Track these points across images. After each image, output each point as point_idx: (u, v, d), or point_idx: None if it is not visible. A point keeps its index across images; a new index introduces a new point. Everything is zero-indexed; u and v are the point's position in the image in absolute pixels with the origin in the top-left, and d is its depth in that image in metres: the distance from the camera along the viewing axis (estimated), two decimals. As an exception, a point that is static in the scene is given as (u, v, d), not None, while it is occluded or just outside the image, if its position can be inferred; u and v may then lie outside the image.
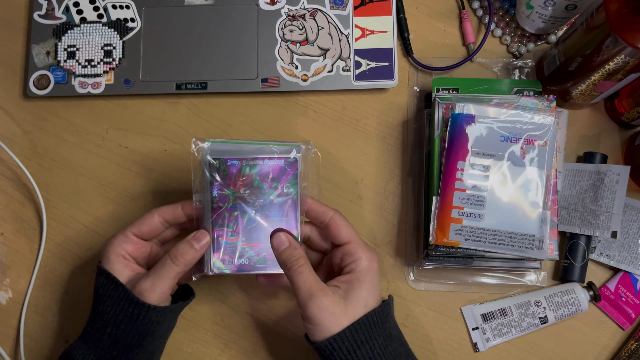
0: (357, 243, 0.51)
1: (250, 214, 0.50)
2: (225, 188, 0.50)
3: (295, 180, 0.50)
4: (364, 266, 0.50)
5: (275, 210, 0.51)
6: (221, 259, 0.51)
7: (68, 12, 0.66)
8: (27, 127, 0.65)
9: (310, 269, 0.48)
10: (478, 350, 0.59)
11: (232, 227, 0.51)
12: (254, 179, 0.50)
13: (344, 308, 0.47)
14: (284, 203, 0.51)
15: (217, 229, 0.51)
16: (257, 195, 0.50)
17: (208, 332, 0.61)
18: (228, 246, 0.51)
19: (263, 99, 0.65)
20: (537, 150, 0.55)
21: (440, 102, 0.58)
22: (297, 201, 0.51)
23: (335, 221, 0.51)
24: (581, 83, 0.57)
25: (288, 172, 0.50)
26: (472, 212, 0.54)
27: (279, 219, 0.51)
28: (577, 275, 0.59)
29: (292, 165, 0.50)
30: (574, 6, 0.58)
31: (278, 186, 0.50)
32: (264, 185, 0.50)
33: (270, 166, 0.50)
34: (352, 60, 0.64)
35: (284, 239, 0.48)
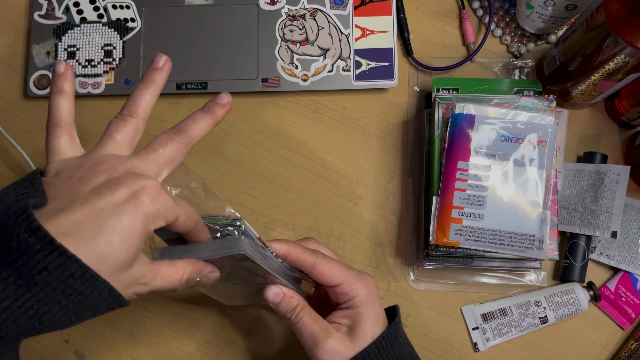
0: (348, 282, 0.47)
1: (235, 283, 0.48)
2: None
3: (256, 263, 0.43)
4: (362, 300, 0.47)
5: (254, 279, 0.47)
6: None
7: (68, 12, 0.66)
8: (27, 127, 0.65)
9: (310, 313, 0.47)
10: (478, 350, 0.59)
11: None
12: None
13: (350, 345, 0.46)
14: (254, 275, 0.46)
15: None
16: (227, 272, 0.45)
17: (208, 332, 0.61)
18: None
19: (263, 99, 0.65)
20: (537, 150, 0.55)
21: (440, 102, 0.58)
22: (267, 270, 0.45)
23: (319, 269, 0.47)
24: (581, 83, 0.57)
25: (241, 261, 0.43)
26: (472, 212, 0.54)
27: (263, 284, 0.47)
28: (577, 275, 0.59)
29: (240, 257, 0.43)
30: (574, 6, 0.58)
31: (242, 272, 0.46)
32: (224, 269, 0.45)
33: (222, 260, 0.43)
34: (352, 60, 0.64)
35: (277, 291, 0.47)
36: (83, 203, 0.34)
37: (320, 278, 0.47)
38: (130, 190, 0.35)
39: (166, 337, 0.61)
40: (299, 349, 0.60)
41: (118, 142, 0.42)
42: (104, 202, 0.34)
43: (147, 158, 0.40)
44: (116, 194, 0.35)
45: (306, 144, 0.64)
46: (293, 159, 0.64)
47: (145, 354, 0.60)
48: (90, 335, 0.61)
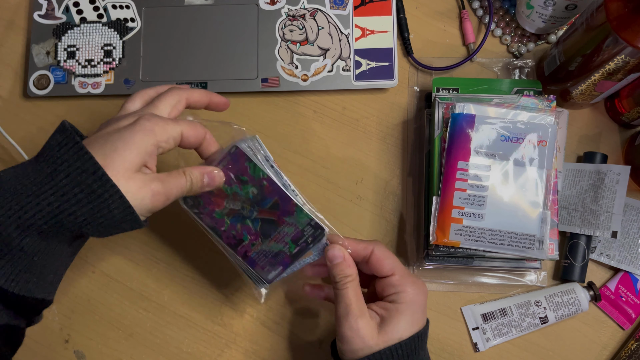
0: (400, 275, 0.49)
1: (250, 216, 0.50)
2: (212, 214, 0.50)
3: (252, 162, 0.48)
4: (407, 298, 0.48)
5: (263, 199, 0.49)
6: (264, 269, 0.51)
7: (68, 12, 0.66)
8: (27, 127, 0.65)
9: (357, 290, 0.48)
10: (478, 350, 0.59)
11: (247, 238, 0.50)
12: (226, 190, 0.49)
13: (375, 335, 0.46)
14: (262, 188, 0.49)
15: (237, 249, 0.51)
16: (240, 199, 0.49)
17: (208, 332, 0.61)
18: (260, 255, 0.50)
19: (263, 99, 0.65)
20: (537, 150, 0.55)
21: (440, 102, 0.58)
22: (271, 177, 0.48)
23: (377, 256, 0.50)
24: (581, 83, 0.57)
25: (240, 161, 0.48)
26: (472, 212, 0.54)
27: (272, 201, 0.49)
28: (577, 275, 0.59)
29: (236, 155, 0.48)
30: (574, 6, 0.58)
31: (247, 179, 0.49)
32: (234, 187, 0.49)
33: (227, 170, 0.49)
34: (352, 60, 0.64)
35: (338, 253, 0.49)
36: (101, 134, 0.43)
37: (376, 265, 0.49)
38: (133, 119, 0.44)
39: (166, 337, 0.61)
40: (299, 349, 0.61)
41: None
42: (111, 128, 0.43)
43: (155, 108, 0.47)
44: (122, 122, 0.44)
45: (306, 144, 0.64)
46: (293, 159, 0.64)
47: (145, 354, 0.60)
48: (90, 335, 0.61)
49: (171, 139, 0.45)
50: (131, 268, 0.62)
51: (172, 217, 0.63)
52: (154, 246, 0.62)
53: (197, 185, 0.47)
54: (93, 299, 0.61)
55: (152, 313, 0.61)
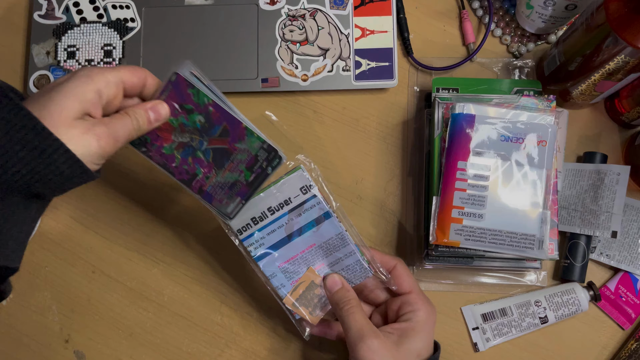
0: (417, 294, 0.51)
1: (201, 147, 0.47)
2: (161, 150, 0.47)
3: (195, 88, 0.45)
4: (423, 318, 0.49)
5: (211, 126, 0.46)
6: (222, 202, 0.48)
7: (68, 12, 0.66)
8: (27, 127, 0.65)
9: (363, 312, 0.49)
10: (478, 350, 0.59)
11: (200, 171, 0.48)
12: (172, 123, 0.46)
13: (395, 354, 0.46)
14: (209, 114, 0.46)
15: (192, 185, 0.48)
16: (188, 130, 0.46)
17: (208, 332, 0.61)
18: (215, 187, 0.48)
19: (263, 99, 0.65)
20: (537, 150, 0.55)
21: (440, 102, 0.58)
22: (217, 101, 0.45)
23: (399, 271, 0.52)
24: (581, 83, 0.57)
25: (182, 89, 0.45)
26: (472, 212, 0.54)
27: (221, 127, 0.46)
28: (577, 275, 0.59)
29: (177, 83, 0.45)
30: (574, 6, 0.58)
31: (191, 107, 0.46)
32: (180, 118, 0.46)
33: (170, 101, 0.46)
34: (352, 60, 0.64)
35: (337, 280, 0.51)
36: (39, 92, 0.42)
37: (396, 280, 0.51)
38: (70, 75, 0.42)
39: (166, 337, 0.61)
40: (299, 349, 0.60)
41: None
42: (49, 85, 0.42)
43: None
44: (60, 79, 0.42)
45: (306, 144, 0.64)
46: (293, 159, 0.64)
47: (145, 354, 0.60)
48: (90, 335, 0.61)
49: (111, 84, 0.43)
50: (131, 268, 0.62)
51: (172, 217, 0.63)
52: (154, 246, 0.62)
53: (144, 124, 0.45)
54: (93, 299, 0.61)
55: (152, 313, 0.61)
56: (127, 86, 0.45)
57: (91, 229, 0.63)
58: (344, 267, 0.52)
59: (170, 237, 0.62)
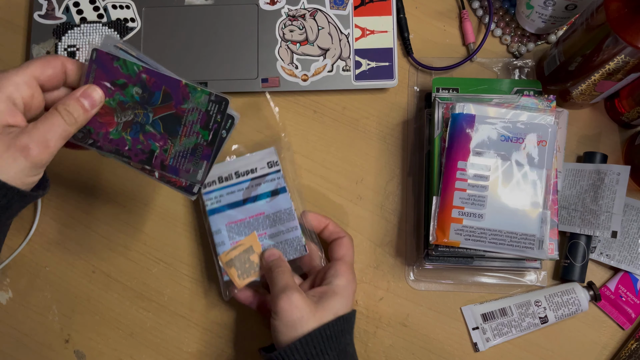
0: (346, 264, 0.53)
1: (148, 121, 0.44)
2: (108, 136, 0.44)
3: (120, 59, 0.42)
4: (343, 283, 0.51)
5: (150, 95, 0.43)
6: (189, 172, 0.46)
7: (68, 12, 0.66)
8: (27, 127, 0.65)
9: (292, 276, 0.51)
10: (478, 350, 0.59)
11: (156, 146, 0.45)
12: (110, 104, 0.43)
13: (313, 309, 0.48)
14: (144, 82, 0.43)
15: (153, 163, 0.45)
16: (129, 106, 0.43)
17: (208, 332, 0.61)
18: (177, 158, 0.45)
19: (263, 99, 0.65)
20: (537, 150, 0.55)
21: (440, 102, 0.58)
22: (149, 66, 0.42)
23: (343, 241, 0.55)
24: (581, 83, 0.57)
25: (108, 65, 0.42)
26: (472, 211, 0.54)
27: (161, 92, 0.43)
28: (577, 275, 0.59)
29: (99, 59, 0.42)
30: (574, 6, 0.58)
31: (124, 81, 0.43)
32: (117, 96, 0.43)
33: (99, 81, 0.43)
34: (352, 60, 0.64)
35: (275, 252, 0.54)
36: None
37: (336, 247, 0.55)
38: None
39: (166, 337, 0.61)
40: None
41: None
42: None
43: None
44: None
45: (306, 144, 0.64)
46: (293, 158, 0.64)
47: (145, 354, 0.60)
48: (90, 335, 0.61)
49: (21, 85, 0.39)
50: (131, 268, 0.62)
51: (172, 217, 0.63)
52: (154, 246, 0.62)
53: (80, 115, 0.41)
54: (93, 299, 0.61)
55: (152, 313, 0.61)
56: (43, 81, 0.41)
57: (91, 229, 0.63)
58: (284, 240, 0.55)
59: (170, 237, 0.62)
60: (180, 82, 0.43)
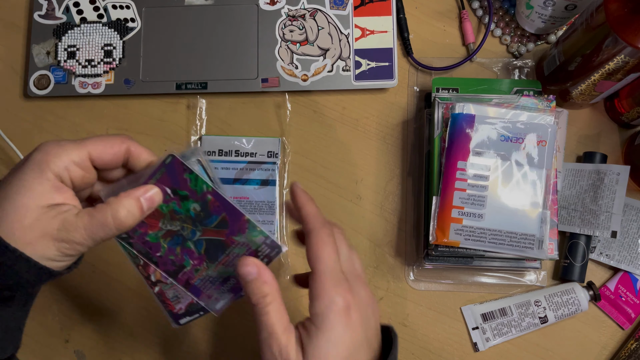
0: (319, 275, 0.38)
1: (192, 238, 0.42)
2: (145, 237, 0.42)
3: (193, 173, 0.40)
4: (320, 310, 0.37)
5: (207, 216, 0.41)
6: (210, 298, 0.44)
7: (68, 12, 0.66)
8: (27, 127, 0.65)
9: (279, 309, 0.38)
10: (478, 350, 0.59)
11: (189, 263, 0.43)
12: (162, 209, 0.41)
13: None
14: (206, 203, 0.41)
15: (178, 277, 0.43)
16: (180, 218, 0.41)
17: (208, 332, 0.61)
18: (205, 281, 0.43)
19: (263, 99, 0.65)
20: (537, 150, 0.55)
21: (440, 102, 0.58)
22: (217, 190, 0.40)
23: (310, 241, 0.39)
24: (581, 83, 0.57)
25: (178, 173, 0.40)
26: (472, 211, 0.54)
27: (219, 217, 0.41)
28: (577, 275, 0.59)
29: (172, 165, 0.40)
30: (573, 6, 0.58)
31: (186, 194, 0.41)
32: (172, 205, 0.41)
33: (161, 185, 0.41)
34: (352, 60, 0.64)
35: (252, 269, 0.39)
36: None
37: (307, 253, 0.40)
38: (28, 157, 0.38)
39: (166, 337, 0.61)
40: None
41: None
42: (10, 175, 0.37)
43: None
44: (20, 162, 0.38)
45: (306, 144, 0.64)
46: (293, 158, 0.64)
47: (145, 354, 0.60)
48: (90, 335, 0.61)
49: (73, 165, 0.37)
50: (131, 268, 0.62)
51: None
52: (154, 246, 0.62)
53: (135, 216, 0.38)
54: (93, 298, 0.61)
55: (152, 313, 0.61)
56: (99, 164, 0.39)
57: (91, 229, 0.63)
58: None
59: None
60: (243, 216, 0.41)
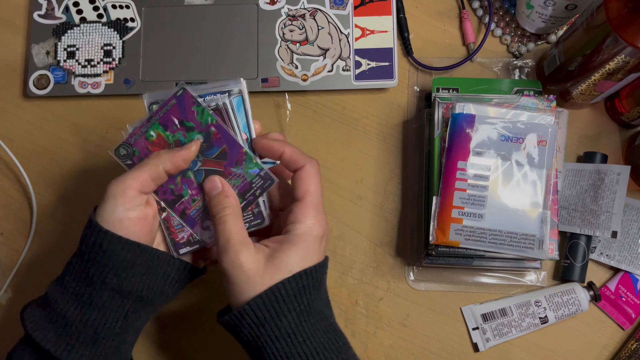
0: (308, 204, 0.44)
1: (193, 168, 0.45)
2: None
3: (201, 106, 0.44)
4: (301, 231, 0.43)
5: (209, 147, 0.44)
6: (204, 229, 0.46)
7: (68, 12, 0.66)
8: (27, 127, 0.65)
9: (237, 222, 0.43)
10: (478, 350, 0.59)
11: (187, 193, 0.45)
12: (167, 138, 0.45)
13: (261, 268, 0.41)
14: (209, 135, 0.44)
15: (175, 207, 0.45)
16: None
17: (208, 332, 0.61)
18: (200, 212, 0.46)
19: (263, 98, 0.65)
20: (537, 150, 0.55)
21: (440, 102, 0.58)
22: (221, 124, 0.44)
23: (303, 173, 0.44)
24: (581, 83, 0.57)
25: (186, 105, 0.44)
26: (472, 212, 0.54)
27: (219, 149, 0.44)
28: (577, 275, 0.59)
29: (182, 98, 0.44)
30: (574, 6, 0.58)
31: (192, 125, 0.44)
32: (178, 135, 0.44)
33: (169, 115, 0.44)
34: (352, 60, 0.64)
35: (217, 184, 0.45)
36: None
37: (295, 184, 0.45)
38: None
39: (166, 337, 0.61)
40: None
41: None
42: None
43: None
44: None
45: (306, 144, 0.64)
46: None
47: (145, 354, 0.60)
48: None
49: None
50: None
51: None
52: (153, 246, 0.62)
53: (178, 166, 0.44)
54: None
55: (152, 313, 0.61)
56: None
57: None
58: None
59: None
60: (241, 148, 0.44)
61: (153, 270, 0.45)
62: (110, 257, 0.42)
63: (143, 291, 0.44)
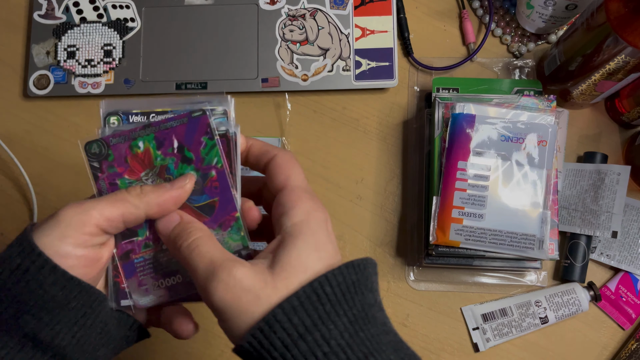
0: (295, 188, 0.34)
1: None
2: (115, 179, 0.35)
3: (213, 139, 0.35)
4: (300, 217, 0.32)
5: (199, 192, 0.35)
6: (140, 286, 0.36)
7: (68, 12, 0.66)
8: (27, 127, 0.65)
9: (214, 242, 0.33)
10: (478, 350, 0.59)
11: (143, 233, 0.35)
12: (154, 158, 0.35)
13: (268, 279, 0.30)
14: (206, 177, 0.35)
15: (121, 244, 0.35)
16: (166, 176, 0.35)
17: (208, 332, 0.61)
18: (146, 264, 0.36)
19: (263, 99, 0.65)
20: (538, 150, 0.55)
21: (440, 102, 0.58)
22: (225, 171, 0.35)
23: (277, 161, 0.35)
24: (581, 83, 0.57)
25: (197, 131, 0.34)
26: (472, 212, 0.54)
27: (209, 200, 0.35)
28: (577, 275, 0.59)
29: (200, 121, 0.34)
30: (574, 6, 0.58)
31: (192, 157, 0.35)
32: (168, 160, 0.35)
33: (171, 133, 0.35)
34: (352, 60, 0.64)
35: (174, 216, 0.34)
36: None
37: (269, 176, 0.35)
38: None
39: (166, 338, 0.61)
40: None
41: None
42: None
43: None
44: None
45: (306, 144, 0.64)
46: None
47: (145, 354, 0.60)
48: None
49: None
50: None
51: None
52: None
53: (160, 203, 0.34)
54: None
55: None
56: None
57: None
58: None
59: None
60: (235, 211, 0.35)
61: (89, 320, 0.33)
62: (33, 291, 0.31)
63: (67, 347, 0.32)
